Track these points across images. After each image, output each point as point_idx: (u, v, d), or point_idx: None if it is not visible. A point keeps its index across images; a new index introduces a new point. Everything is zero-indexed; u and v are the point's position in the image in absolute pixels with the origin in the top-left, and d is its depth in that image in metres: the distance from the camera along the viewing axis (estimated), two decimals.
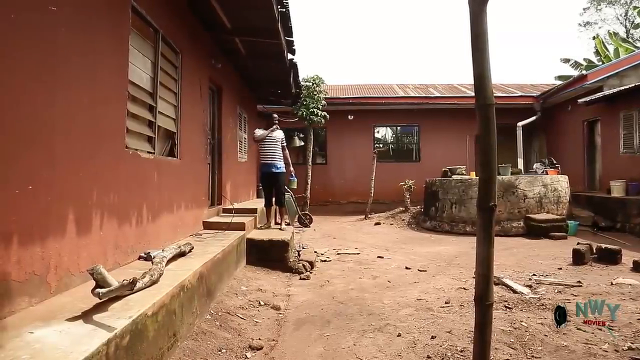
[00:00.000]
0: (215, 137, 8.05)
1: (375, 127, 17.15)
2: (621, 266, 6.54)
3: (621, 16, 32.27)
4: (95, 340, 2.20)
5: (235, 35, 7.22)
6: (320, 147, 16.71)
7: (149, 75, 4.80)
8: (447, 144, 15.90)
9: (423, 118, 16.44)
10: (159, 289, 3.21)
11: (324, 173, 16.07)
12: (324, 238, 10.03)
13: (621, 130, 12.19)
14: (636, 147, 11.63)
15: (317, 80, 13.92)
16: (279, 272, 6.30)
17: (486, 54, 1.98)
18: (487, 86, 1.98)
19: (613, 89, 12.30)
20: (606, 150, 12.98)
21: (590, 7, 33.87)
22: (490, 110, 1.98)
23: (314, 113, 13.70)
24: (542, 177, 10.77)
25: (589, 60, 23.07)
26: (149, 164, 4.65)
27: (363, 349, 3.63)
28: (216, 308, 4.35)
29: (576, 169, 13.78)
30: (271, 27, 6.55)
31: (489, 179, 2.02)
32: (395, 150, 17.59)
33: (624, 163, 12.03)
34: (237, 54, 8.26)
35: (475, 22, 1.97)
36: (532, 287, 5.43)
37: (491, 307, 2.07)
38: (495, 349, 3.45)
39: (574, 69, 23.04)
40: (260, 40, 7.29)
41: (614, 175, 11.95)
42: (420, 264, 7.06)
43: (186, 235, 5.85)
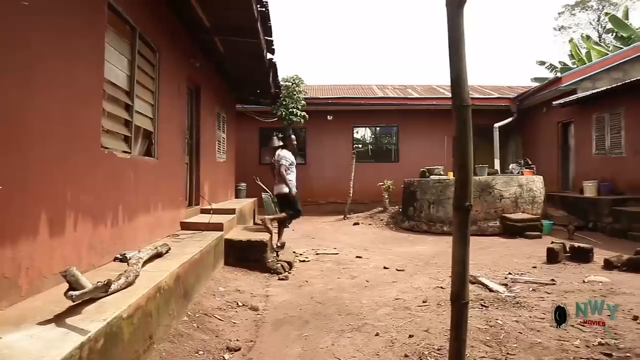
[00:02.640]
0: (193, 136, 7.97)
1: (355, 127, 17.22)
2: (593, 264, 6.71)
3: (594, 21, 33.12)
4: (67, 344, 2.15)
5: (214, 34, 7.17)
6: (299, 147, 16.66)
7: (126, 73, 4.72)
8: (426, 144, 16.06)
9: (402, 119, 16.58)
10: (135, 290, 3.16)
11: (303, 173, 15.97)
12: (303, 238, 10.03)
13: (593, 132, 12.49)
14: (607, 148, 11.93)
15: (296, 80, 13.92)
16: (257, 272, 6.27)
17: (463, 56, 2.00)
18: (464, 88, 2.00)
19: (586, 92, 12.61)
20: (579, 152, 13.28)
21: (565, 12, 34.75)
22: (466, 111, 2.00)
23: (294, 113, 13.69)
24: (518, 178, 10.96)
25: (564, 63, 23.59)
26: (125, 163, 4.58)
27: (341, 348, 3.64)
28: (194, 309, 4.31)
29: (551, 169, 14.06)
30: (251, 26, 6.51)
31: (464, 180, 2.04)
32: (374, 151, 17.69)
33: (596, 164, 12.33)
34: (216, 53, 8.19)
35: (452, 25, 2.00)
36: (508, 285, 5.52)
37: (467, 306, 2.09)
38: (472, 347, 3.49)
39: (549, 71, 23.54)
40: (239, 40, 7.24)
41: (586, 176, 12.23)
42: (399, 263, 7.11)
43: (163, 236, 5.77)
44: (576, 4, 33.87)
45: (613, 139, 11.74)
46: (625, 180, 11.21)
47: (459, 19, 1.99)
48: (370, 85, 19.67)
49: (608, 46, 22.52)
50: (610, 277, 5.78)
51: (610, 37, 23.73)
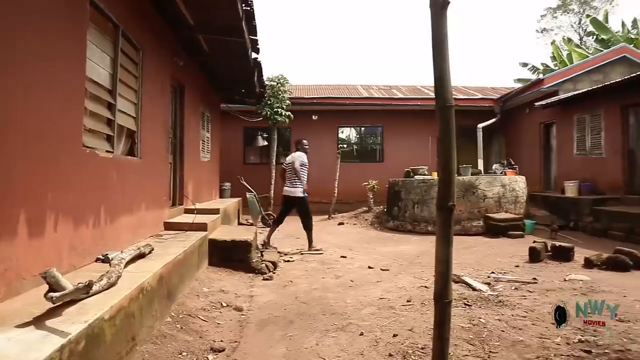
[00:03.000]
0: (177, 136, 7.91)
1: (340, 127, 17.25)
2: (574, 263, 6.82)
3: (575, 24, 33.72)
4: (47, 346, 2.11)
5: (199, 33, 7.12)
6: (284, 147, 16.66)
7: (108, 71, 4.66)
8: (410, 144, 16.15)
9: (387, 119, 16.66)
10: (117, 291, 3.12)
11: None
12: (287, 238, 10.00)
13: (575, 132, 12.70)
14: (588, 149, 12.14)
15: (281, 80, 13.89)
16: (241, 272, 6.24)
17: (446, 57, 2.01)
18: (447, 88, 2.02)
19: (567, 94, 12.82)
20: (561, 152, 13.49)
21: (547, 15, 35.32)
22: (449, 112, 2.01)
23: (278, 113, 13.66)
24: (501, 178, 11.08)
25: (546, 65, 23.94)
26: (107, 163, 4.52)
27: (326, 348, 3.64)
28: (177, 310, 4.27)
29: (533, 169, 14.25)
30: (235, 25, 6.49)
31: (448, 180, 2.06)
32: (359, 151, 17.75)
33: (577, 164, 12.54)
34: (200, 52, 8.13)
35: (435, 26, 2.01)
36: (491, 284, 5.58)
37: (450, 305, 2.11)
38: (455, 346, 3.52)
39: (532, 72, 23.87)
40: (224, 39, 7.20)
41: (568, 176, 12.44)
42: (383, 263, 7.14)
43: (146, 237, 5.72)
44: (558, 7, 34.45)
45: (593, 140, 11.94)
46: (605, 180, 11.42)
47: (442, 20, 2.01)
48: (355, 86, 19.72)
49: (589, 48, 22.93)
50: (590, 276, 5.88)
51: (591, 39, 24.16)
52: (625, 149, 10.93)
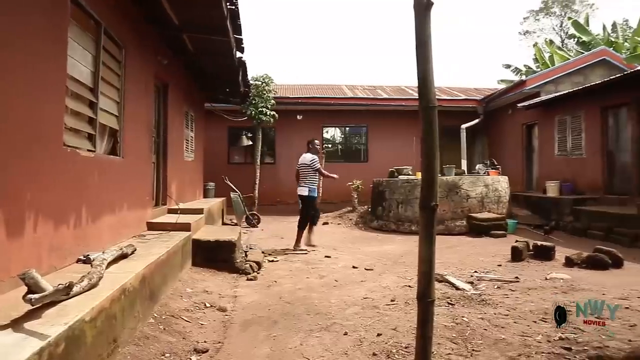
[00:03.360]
0: (160, 135, 7.83)
1: (324, 127, 17.27)
2: (555, 262, 6.92)
3: (557, 27, 34.27)
4: (26, 349, 2.07)
5: (183, 32, 7.05)
6: (268, 147, 16.64)
7: (90, 69, 4.60)
8: (395, 144, 16.22)
9: (371, 119, 16.72)
10: (99, 292, 3.08)
11: (272, 173, 16.00)
12: (272, 238, 9.98)
13: (556, 133, 12.89)
14: (569, 150, 12.33)
15: (266, 80, 13.85)
16: (225, 273, 6.21)
17: (429, 57, 2.03)
18: (430, 89, 2.03)
19: (549, 95, 13.01)
20: (543, 153, 13.68)
21: (530, 17, 35.85)
22: (433, 112, 2.03)
23: (263, 112, 13.62)
24: (484, 178, 11.19)
25: (529, 66, 24.25)
26: (89, 162, 4.46)
27: (310, 348, 3.64)
28: (160, 311, 4.23)
29: (516, 170, 14.43)
30: (220, 24, 6.44)
31: (431, 180, 2.07)
32: (343, 151, 17.79)
33: (559, 165, 12.73)
34: (185, 51, 8.07)
35: (419, 27, 2.02)
36: (474, 283, 5.63)
37: (432, 304, 2.12)
38: (439, 344, 3.55)
39: (515, 74, 24.15)
40: (208, 38, 7.15)
41: (549, 176, 12.62)
42: (367, 262, 7.16)
43: (129, 237, 5.65)
44: (540, 9, 34.98)
45: (574, 141, 12.14)
46: (585, 180, 11.61)
47: (425, 21, 2.02)
48: (340, 86, 19.75)
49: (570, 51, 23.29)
50: (570, 274, 5.97)
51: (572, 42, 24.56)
52: (604, 149, 11.13)
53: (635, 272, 6.24)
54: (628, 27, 22.66)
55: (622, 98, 10.47)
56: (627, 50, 17.69)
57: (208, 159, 13.28)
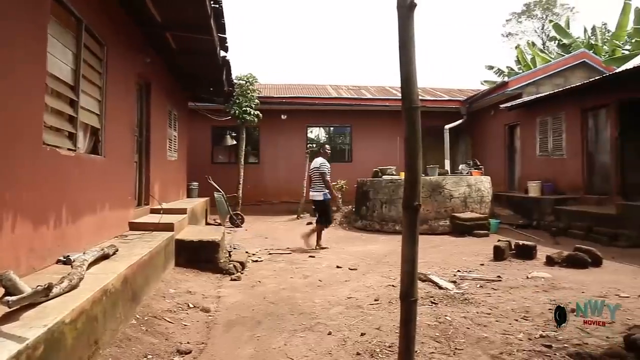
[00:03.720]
0: (143, 134, 7.75)
1: (309, 127, 17.25)
2: (536, 261, 7.02)
3: (538, 29, 34.79)
4: (2, 353, 2.02)
5: (166, 30, 6.99)
6: (253, 147, 16.56)
7: (71, 67, 4.53)
8: (379, 144, 16.26)
9: (355, 119, 16.75)
10: (79, 294, 3.03)
11: (256, 173, 15.94)
12: (255, 238, 9.95)
13: (537, 134, 13.07)
14: (550, 150, 12.51)
15: (250, 79, 13.79)
16: (209, 273, 6.16)
17: (413, 58, 2.03)
18: (413, 90, 2.03)
19: (531, 96, 13.18)
20: (525, 153, 13.86)
21: (512, 20, 36.32)
22: (415, 113, 2.03)
23: (247, 112, 13.56)
24: (467, 178, 11.30)
25: (511, 68, 24.55)
26: (69, 161, 4.39)
27: (294, 348, 3.64)
28: (142, 312, 4.19)
29: (498, 170, 14.59)
30: (204, 23, 6.39)
31: (414, 180, 2.08)
32: None
33: (540, 165, 12.91)
34: (168, 49, 7.99)
35: (402, 28, 2.02)
36: (457, 282, 5.68)
37: (415, 304, 2.13)
38: (422, 343, 3.57)
39: (497, 75, 24.43)
40: (192, 36, 7.10)
41: (531, 177, 12.79)
42: (351, 262, 7.18)
43: (110, 237, 5.58)
44: (522, 12, 35.46)
45: (555, 142, 12.32)
46: (565, 180, 11.79)
47: (409, 22, 2.03)
48: (324, 85, 19.75)
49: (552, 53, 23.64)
50: (551, 273, 6.07)
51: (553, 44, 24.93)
52: (584, 150, 11.32)
53: (613, 270, 6.36)
54: (607, 30, 23.07)
55: (601, 100, 10.66)
56: (606, 54, 18.02)
57: (191, 158, 13.18)
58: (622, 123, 10.11)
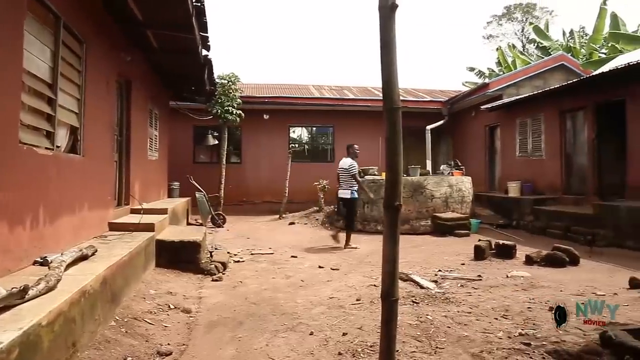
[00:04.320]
0: (123, 133, 7.64)
1: (291, 127, 17.22)
2: (516, 260, 7.12)
3: (518, 32, 35.32)
4: None
5: (147, 28, 6.90)
6: (235, 146, 16.48)
7: (49, 65, 4.44)
8: (361, 144, 16.10)
9: (338, 119, 16.76)
10: (57, 295, 2.98)
11: (238, 173, 15.84)
12: (237, 238, 9.90)
13: (517, 135, 13.26)
14: (529, 151, 12.70)
15: (232, 78, 13.70)
16: (190, 274, 6.11)
17: (394, 59, 2.04)
18: (395, 90, 2.04)
19: (511, 98, 13.36)
20: (505, 154, 14.04)
21: (493, 22, 36.82)
22: (396, 113, 2.04)
23: (229, 111, 13.47)
24: (448, 178, 11.41)
25: (492, 69, 24.86)
26: (47, 160, 4.31)
27: (275, 349, 3.63)
28: (122, 314, 4.13)
29: (479, 170, 14.75)
30: (185, 21, 6.33)
31: (394, 180, 2.08)
32: (310, 151, 17.78)
33: (520, 165, 13.09)
34: (149, 48, 7.89)
35: (384, 29, 2.03)
36: (438, 282, 5.73)
37: (396, 303, 2.14)
38: (403, 342, 3.60)
39: (478, 77, 24.72)
40: (174, 35, 7.02)
41: (511, 177, 12.96)
42: (333, 262, 7.19)
43: (90, 238, 5.49)
44: (503, 15, 35.95)
45: (534, 143, 12.51)
46: (544, 181, 11.98)
47: (390, 23, 2.03)
48: (307, 85, 19.74)
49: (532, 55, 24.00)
50: (530, 272, 6.16)
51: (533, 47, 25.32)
52: (562, 151, 11.51)
53: (590, 269, 6.49)
54: (585, 34, 23.51)
55: (579, 102, 10.85)
56: (583, 57, 18.36)
57: (173, 158, 13.04)
58: (599, 125, 10.31)
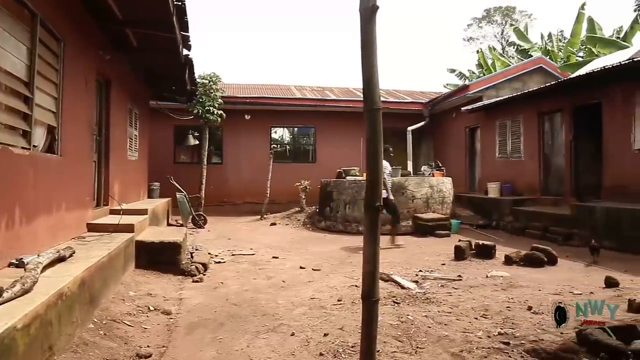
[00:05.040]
0: (102, 133, 7.53)
1: (273, 127, 17.19)
2: (495, 260, 7.21)
3: (498, 34, 35.82)
4: None
5: (126, 27, 6.81)
6: (216, 147, 16.38)
7: (25, 62, 4.35)
8: (342, 145, 16.35)
9: (319, 120, 16.80)
10: (33, 298, 2.92)
11: (219, 173, 15.75)
12: (218, 239, 9.83)
13: (497, 137, 13.44)
14: (509, 152, 12.89)
15: (213, 78, 13.62)
16: (170, 275, 6.05)
17: (374, 60, 2.05)
18: (375, 92, 2.05)
19: (491, 100, 13.54)
20: (485, 155, 14.22)
21: (473, 24, 37.29)
22: (377, 114, 2.05)
23: (210, 111, 13.38)
24: (429, 179, 11.50)
25: (472, 71, 25.17)
26: (23, 160, 4.22)
27: (257, 350, 3.62)
28: (101, 316, 4.07)
29: (459, 171, 14.91)
30: (166, 20, 6.26)
31: (375, 181, 2.10)
32: (292, 151, 17.78)
33: (499, 167, 13.28)
34: (129, 47, 7.78)
35: (364, 30, 2.04)
36: (419, 282, 5.77)
37: (377, 304, 2.15)
38: (384, 343, 3.62)
39: (459, 78, 25.01)
40: (154, 34, 6.94)
41: (490, 178, 13.13)
42: (315, 263, 7.19)
43: (67, 239, 5.40)
44: (483, 17, 36.45)
45: (513, 144, 12.70)
46: (523, 182, 12.17)
47: (371, 24, 2.04)
48: (288, 86, 19.72)
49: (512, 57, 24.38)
50: (510, 272, 6.25)
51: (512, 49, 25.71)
52: (541, 153, 11.71)
53: (568, 268, 6.61)
54: (563, 37, 23.96)
55: (557, 104, 11.05)
56: (561, 60, 18.71)
57: (153, 158, 12.89)
58: (576, 127, 10.51)
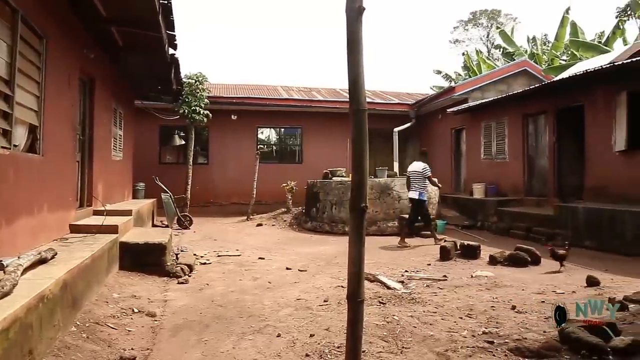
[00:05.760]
0: (86, 132, 7.43)
1: (259, 127, 17.14)
2: (480, 260, 7.28)
3: (484, 37, 36.17)
4: None
5: (111, 25, 6.72)
6: (202, 147, 16.29)
7: (5, 60, 4.27)
8: (329, 146, 16.36)
9: (306, 120, 16.79)
10: (12, 301, 2.86)
11: (205, 173, 15.66)
12: (204, 240, 9.77)
13: (482, 138, 13.56)
14: (494, 154, 13.01)
15: (200, 78, 13.54)
16: (155, 276, 5.99)
17: (360, 61, 2.05)
18: (361, 93, 2.05)
19: (476, 102, 13.65)
20: (470, 156, 14.34)
21: (459, 27, 37.62)
22: (363, 115, 2.05)
23: (196, 111, 13.30)
24: None
25: (458, 73, 25.38)
26: (3, 160, 4.14)
27: (242, 351, 3.60)
28: (83, 319, 4.01)
29: (445, 172, 15.01)
30: (151, 19, 6.19)
31: (360, 181, 2.10)
32: (278, 152, 17.74)
33: (484, 168, 13.40)
34: (114, 45, 7.68)
35: (351, 31, 2.04)
36: (404, 282, 5.80)
37: (362, 304, 2.15)
38: (370, 343, 3.62)
39: (445, 80, 25.19)
40: (139, 32, 6.85)
41: (476, 179, 13.24)
42: (301, 264, 7.18)
43: (49, 240, 5.31)
44: (469, 20, 36.78)
45: (498, 146, 12.82)
46: (508, 183, 12.29)
47: (357, 25, 2.04)
48: (275, 86, 19.67)
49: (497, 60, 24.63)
50: (494, 272, 6.30)
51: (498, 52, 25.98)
52: (525, 154, 11.84)
53: (551, 268, 6.67)
54: (547, 41, 24.27)
55: (540, 106, 11.19)
56: (545, 63, 18.94)
57: (138, 158, 12.77)
58: (560, 129, 10.66)
